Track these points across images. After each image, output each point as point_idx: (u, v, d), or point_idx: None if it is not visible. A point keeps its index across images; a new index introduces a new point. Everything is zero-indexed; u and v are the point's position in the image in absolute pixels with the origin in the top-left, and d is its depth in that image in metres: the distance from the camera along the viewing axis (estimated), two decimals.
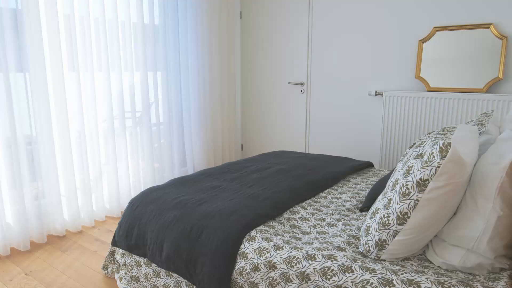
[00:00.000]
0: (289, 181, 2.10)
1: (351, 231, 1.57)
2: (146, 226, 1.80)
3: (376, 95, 3.26)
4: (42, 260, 2.34)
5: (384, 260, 1.34)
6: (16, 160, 2.41)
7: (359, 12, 3.28)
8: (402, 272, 1.23)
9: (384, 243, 1.31)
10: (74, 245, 2.54)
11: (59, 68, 2.56)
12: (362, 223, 1.65)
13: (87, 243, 2.57)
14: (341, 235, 1.54)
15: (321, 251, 1.39)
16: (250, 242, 1.50)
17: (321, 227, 1.64)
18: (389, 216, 1.31)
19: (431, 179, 1.22)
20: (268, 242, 1.48)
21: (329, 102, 3.59)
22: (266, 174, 2.24)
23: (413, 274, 1.21)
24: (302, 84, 3.72)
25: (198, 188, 2.02)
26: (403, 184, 1.29)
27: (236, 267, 1.49)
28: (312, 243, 1.47)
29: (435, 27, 2.91)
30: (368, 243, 1.35)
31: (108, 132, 2.92)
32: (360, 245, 1.40)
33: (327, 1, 3.44)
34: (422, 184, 1.24)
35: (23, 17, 2.39)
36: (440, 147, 1.23)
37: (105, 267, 2.13)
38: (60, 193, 2.66)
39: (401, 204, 1.28)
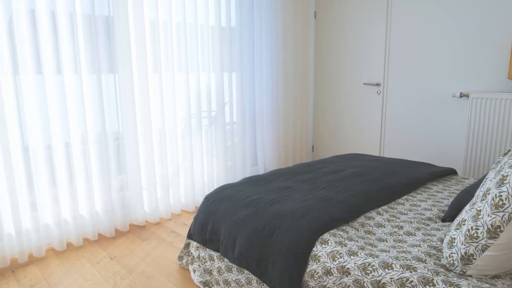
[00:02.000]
0: (364, 185, 2.03)
1: (432, 241, 1.48)
2: (220, 222, 1.86)
3: (461, 96, 3.02)
4: (124, 247, 2.54)
5: (470, 276, 1.23)
6: (105, 154, 2.64)
7: (443, 8, 3.07)
8: None
9: (471, 257, 1.21)
10: (152, 235, 2.71)
11: (144, 70, 2.75)
12: (445, 234, 1.54)
13: (164, 234, 2.73)
14: (421, 245, 1.45)
15: (399, 260, 1.32)
16: (323, 245, 1.48)
17: (399, 235, 1.56)
18: (477, 229, 1.21)
19: None
20: (341, 246, 1.45)
21: (407, 103, 3.41)
22: (339, 176, 2.19)
23: None
24: (378, 84, 3.58)
25: (271, 187, 2.04)
26: (496, 195, 1.18)
27: (308, 269, 1.47)
28: (388, 251, 1.41)
29: None
30: (452, 256, 1.26)
31: (186, 130, 3.07)
32: (443, 258, 1.31)
33: None
34: None
35: (114, 23, 2.60)
36: None
37: (180, 258, 2.25)
38: (142, 186, 2.86)
39: (493, 216, 1.17)
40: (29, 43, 2.27)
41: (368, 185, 2.04)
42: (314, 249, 1.49)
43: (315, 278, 1.44)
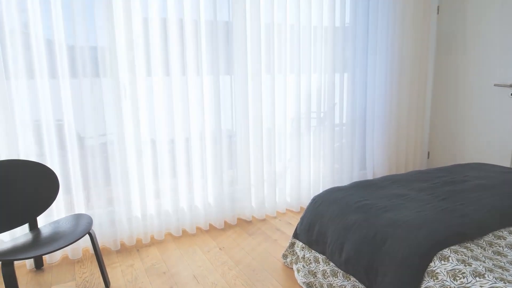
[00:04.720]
0: (493, 199, 1.80)
1: None
2: (327, 224, 1.84)
3: None
4: (232, 240, 2.67)
5: None
6: (219, 150, 2.82)
7: None
8: None
9: None
10: (258, 231, 2.80)
11: (258, 71, 2.85)
12: None
13: (269, 231, 2.80)
14: None
15: None
16: (442, 262, 1.35)
17: None
18: None
19: None
20: (465, 265, 1.30)
21: None
22: (462, 188, 1.98)
23: None
24: None
25: (383, 194, 1.94)
26: None
27: (423, 286, 1.36)
28: None
29: None
30: None
31: (294, 130, 3.10)
32: None
33: None
34: None
35: (232, 28, 2.76)
36: None
37: (284, 256, 2.28)
38: (250, 183, 2.97)
39: None
40: (159, 48, 2.53)
41: (499, 199, 1.80)
42: (432, 264, 1.37)
43: None
